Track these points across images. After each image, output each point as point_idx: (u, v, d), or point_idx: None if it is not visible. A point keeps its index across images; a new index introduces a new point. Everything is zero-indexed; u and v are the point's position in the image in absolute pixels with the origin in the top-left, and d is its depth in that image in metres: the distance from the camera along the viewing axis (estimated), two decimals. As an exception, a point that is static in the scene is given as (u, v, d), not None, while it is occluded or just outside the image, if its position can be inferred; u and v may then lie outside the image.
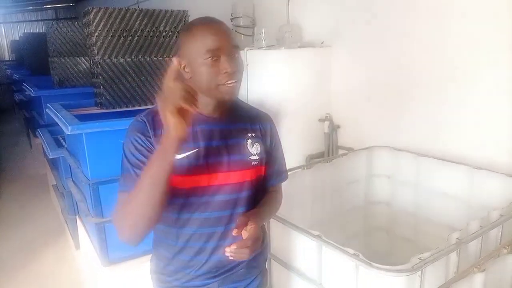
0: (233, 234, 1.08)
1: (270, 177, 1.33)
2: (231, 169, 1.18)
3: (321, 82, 3.01)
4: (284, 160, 1.38)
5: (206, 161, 1.16)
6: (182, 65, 1.13)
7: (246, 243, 1.07)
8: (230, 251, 1.08)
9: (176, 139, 0.95)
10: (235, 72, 1.11)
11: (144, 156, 1.10)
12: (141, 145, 1.11)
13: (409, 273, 1.21)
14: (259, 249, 1.15)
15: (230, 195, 1.19)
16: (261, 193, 1.32)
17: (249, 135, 1.23)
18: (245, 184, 1.21)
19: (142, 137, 1.12)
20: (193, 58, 1.10)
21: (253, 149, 1.22)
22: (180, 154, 1.11)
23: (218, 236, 1.19)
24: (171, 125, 0.93)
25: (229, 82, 1.10)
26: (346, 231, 2.46)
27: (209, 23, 1.13)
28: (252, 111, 1.31)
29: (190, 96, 0.93)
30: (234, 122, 1.23)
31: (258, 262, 1.35)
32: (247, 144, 1.22)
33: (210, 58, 1.08)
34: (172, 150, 0.97)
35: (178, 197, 1.18)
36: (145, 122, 1.14)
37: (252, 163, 1.22)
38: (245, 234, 1.07)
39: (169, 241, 1.24)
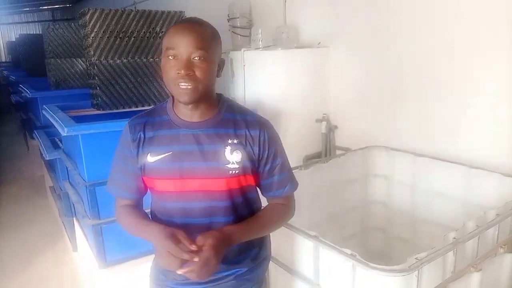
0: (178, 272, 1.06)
1: (268, 188, 1.25)
2: (206, 176, 1.14)
3: (318, 82, 3.01)
4: (289, 170, 1.28)
5: (180, 166, 1.14)
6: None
7: (194, 267, 1.03)
8: (181, 272, 1.05)
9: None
10: (190, 76, 1.07)
11: (130, 165, 1.21)
12: (127, 155, 1.20)
13: (406, 273, 1.21)
14: (214, 271, 1.07)
15: (205, 203, 1.16)
16: (257, 201, 1.29)
17: (230, 141, 1.15)
18: (221, 193, 1.16)
19: (126, 147, 1.20)
20: (162, 54, 1.14)
21: (232, 157, 1.15)
22: (153, 157, 1.15)
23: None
24: (165, 261, 1.05)
25: (182, 84, 1.07)
26: (343, 231, 2.46)
27: (182, 23, 1.13)
28: (243, 116, 1.21)
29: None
30: (215, 127, 1.16)
31: (253, 275, 1.29)
32: (225, 151, 1.14)
33: (170, 56, 1.09)
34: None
35: (156, 200, 1.21)
36: (128, 130, 1.20)
37: (230, 171, 1.14)
38: (195, 257, 1.03)
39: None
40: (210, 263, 1.03)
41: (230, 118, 1.19)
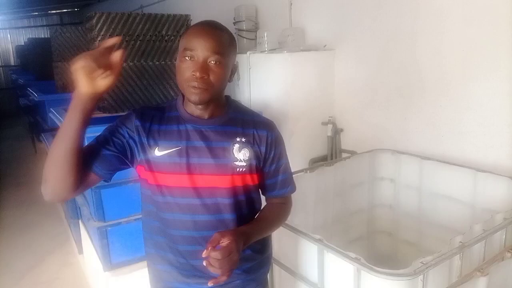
0: (202, 255, 1.00)
1: (272, 187, 1.28)
2: (213, 172, 1.15)
3: (324, 85, 3.01)
4: (290, 171, 1.32)
5: (187, 161, 1.15)
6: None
7: (217, 255, 0.99)
8: (205, 254, 1.00)
9: (81, 95, 1.01)
10: (204, 79, 1.08)
11: (114, 138, 1.15)
12: (118, 130, 1.17)
13: (411, 277, 1.20)
14: (233, 267, 1.03)
15: (211, 199, 1.16)
16: (258, 201, 1.29)
17: (238, 139, 1.18)
18: (226, 190, 1.17)
19: (123, 125, 1.17)
20: (178, 53, 1.15)
21: (240, 155, 1.17)
22: (161, 151, 1.15)
23: (205, 240, 1.09)
24: (77, 81, 0.98)
25: (195, 85, 1.08)
26: (349, 234, 2.45)
27: (202, 25, 1.14)
28: (251, 116, 1.25)
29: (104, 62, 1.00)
30: (224, 125, 1.19)
31: (257, 275, 1.30)
32: (233, 148, 1.17)
33: (187, 57, 1.09)
34: (79, 107, 1.04)
35: (160, 195, 1.18)
36: (133, 113, 1.19)
37: (237, 169, 1.17)
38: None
39: (159, 239, 1.23)
40: (233, 257, 1.01)
41: (238, 117, 1.22)
